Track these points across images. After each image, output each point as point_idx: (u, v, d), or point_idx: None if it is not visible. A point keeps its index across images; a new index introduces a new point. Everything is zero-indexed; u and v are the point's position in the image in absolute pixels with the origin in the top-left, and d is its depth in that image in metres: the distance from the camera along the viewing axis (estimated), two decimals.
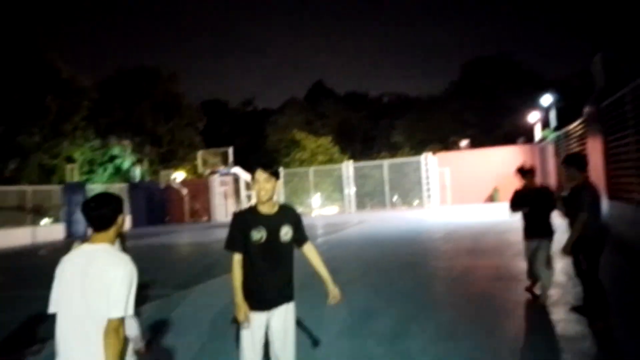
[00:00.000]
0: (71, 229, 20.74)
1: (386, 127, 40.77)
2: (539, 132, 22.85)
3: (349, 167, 25.21)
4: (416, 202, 24.59)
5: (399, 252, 9.76)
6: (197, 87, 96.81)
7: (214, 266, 9.29)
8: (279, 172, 2.95)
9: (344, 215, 23.32)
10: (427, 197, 23.35)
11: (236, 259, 2.79)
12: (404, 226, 15.00)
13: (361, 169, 25.87)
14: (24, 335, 5.14)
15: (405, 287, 6.45)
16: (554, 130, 19.90)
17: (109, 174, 29.68)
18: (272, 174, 2.80)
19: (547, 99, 22.32)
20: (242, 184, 23.65)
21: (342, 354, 4.03)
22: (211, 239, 15.70)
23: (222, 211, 26.37)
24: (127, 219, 23.55)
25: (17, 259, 13.83)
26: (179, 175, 31.28)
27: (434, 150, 28.59)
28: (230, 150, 23.80)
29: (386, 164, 25.29)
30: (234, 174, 24.07)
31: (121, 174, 29.72)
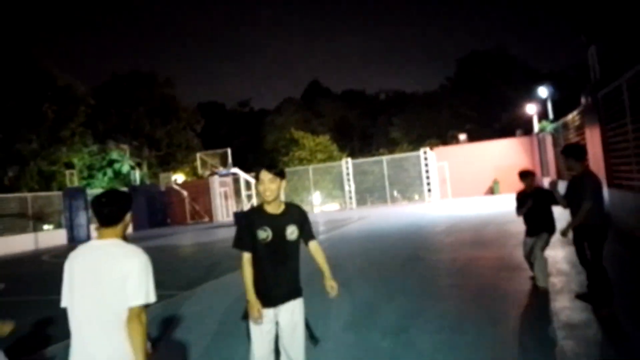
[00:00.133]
0: (73, 234, 20.75)
1: (384, 124, 40.80)
2: (536, 124, 22.88)
3: (348, 164, 25.24)
4: (416, 197, 24.63)
5: (401, 246, 9.78)
6: (193, 89, 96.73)
7: (217, 266, 9.31)
8: (285, 172, 2.94)
9: (344, 211, 23.34)
10: (427, 191, 23.40)
11: (245, 258, 2.82)
12: (405, 221, 15.01)
13: (360, 165, 25.91)
14: (31, 339, 5.15)
15: (408, 280, 6.48)
16: (552, 121, 19.93)
17: (109, 179, 29.71)
18: (277, 174, 2.83)
19: (544, 91, 22.35)
20: (242, 184, 23.66)
21: (348, 347, 4.05)
22: (213, 240, 15.72)
23: (223, 212, 26.42)
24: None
25: (20, 265, 13.85)
26: (179, 177, 31.30)
27: (433, 145, 28.63)
28: (228, 151, 23.82)
29: (385, 160, 25.34)
30: (234, 174, 24.09)
31: (121, 178, 29.75)
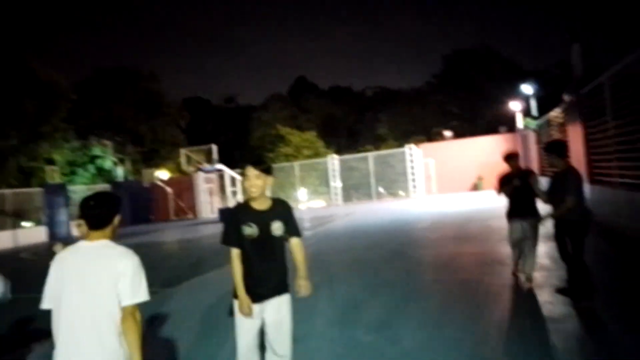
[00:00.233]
0: (53, 231, 20.37)
1: (370, 120, 40.90)
2: (520, 121, 23.15)
3: (334, 161, 25.24)
4: (402, 193, 24.77)
5: (386, 242, 9.82)
6: (178, 85, 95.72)
7: (201, 263, 9.24)
8: (271, 169, 2.91)
9: (330, 208, 23.35)
10: (413, 187, 23.53)
11: (234, 254, 2.81)
12: (391, 217, 15.08)
13: (347, 162, 25.94)
14: (10, 338, 5.04)
15: (392, 276, 6.50)
16: (535, 118, 20.19)
17: (91, 175, 29.22)
18: (263, 171, 2.80)
19: (527, 88, 22.61)
20: (228, 180, 23.49)
21: (332, 343, 4.05)
22: (197, 236, 15.60)
23: (207, 208, 26.19)
24: None
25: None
26: (163, 173, 30.93)
27: (418, 141, 28.79)
28: (214, 147, 23.61)
29: (371, 156, 25.40)
30: (219, 170, 23.89)
31: (103, 174, 29.29)
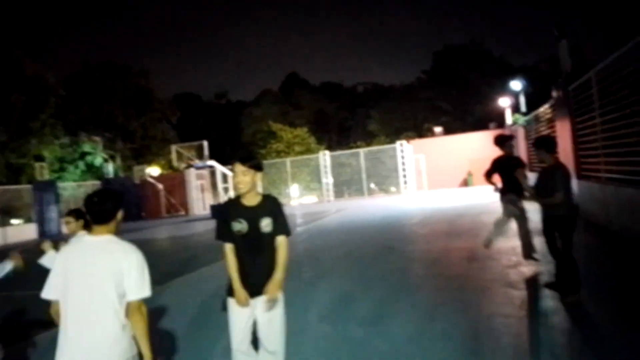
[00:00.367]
0: (43, 229, 20.18)
1: (361, 117, 40.96)
2: (509, 117, 23.34)
3: (325, 157, 25.26)
4: (393, 189, 24.88)
5: (377, 237, 9.88)
6: (169, 81, 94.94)
7: (192, 260, 9.22)
8: (261, 165, 2.88)
9: (322, 204, 23.39)
10: (404, 183, 23.64)
11: (227, 248, 2.84)
12: (382, 213, 15.15)
13: (338, 158, 25.98)
14: (5, 332, 5.02)
15: (383, 271, 6.55)
16: (524, 114, 20.36)
17: (81, 172, 28.91)
18: (252, 167, 2.79)
19: (516, 84, 22.79)
20: (219, 176, 23.41)
21: (324, 338, 4.09)
22: (188, 233, 15.54)
23: (199, 205, 26.10)
24: None
25: None
26: (154, 170, 30.71)
27: (409, 137, 28.93)
28: (205, 143, 23.49)
29: (362, 152, 25.46)
30: (210, 167, 23.78)
31: (93, 171, 29.00)
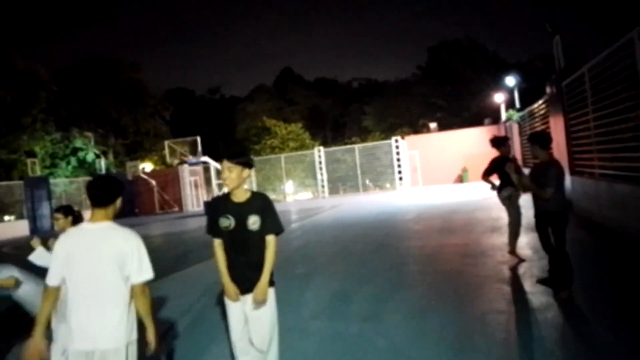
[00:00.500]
0: (35, 225, 20.02)
1: (356, 112, 40.91)
2: (504, 113, 23.38)
3: (320, 153, 25.20)
4: (388, 185, 24.89)
5: (373, 234, 9.86)
6: (161, 75, 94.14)
7: (185, 257, 9.16)
8: (249, 161, 2.85)
9: (317, 200, 23.36)
10: (399, 179, 23.65)
11: (216, 243, 2.85)
12: (377, 209, 15.14)
13: (333, 154, 25.94)
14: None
15: (378, 267, 6.54)
16: (519, 110, 20.39)
17: (73, 168, 28.67)
18: (239, 163, 2.77)
19: (511, 80, 22.82)
20: (213, 172, 23.30)
21: (317, 334, 4.07)
22: (182, 230, 15.45)
23: (193, 201, 25.99)
24: None
25: None
26: (147, 166, 30.51)
27: (404, 133, 28.91)
28: (198, 139, 23.35)
29: (357, 148, 25.42)
30: (204, 162, 23.65)
31: (85, 167, 28.76)
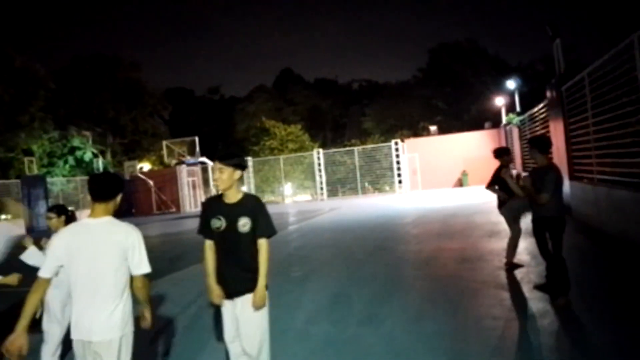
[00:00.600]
0: (32, 224, 19.91)
1: (356, 114, 40.86)
2: (504, 116, 23.33)
3: (319, 155, 25.13)
4: (387, 188, 24.82)
5: (371, 237, 9.79)
6: (161, 74, 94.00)
7: (181, 258, 9.09)
8: (241, 162, 2.83)
9: (316, 202, 23.29)
10: (398, 182, 23.57)
11: (207, 244, 2.87)
12: (375, 212, 15.08)
13: (332, 156, 25.87)
14: None
15: (375, 271, 6.48)
16: (519, 113, 20.35)
17: (70, 167, 28.55)
18: (230, 165, 2.76)
19: (511, 84, 22.80)
20: (211, 173, 23.22)
21: (313, 337, 4.03)
22: (179, 230, 15.38)
23: (190, 202, 25.89)
24: None
25: None
26: (145, 166, 30.44)
27: (404, 136, 28.86)
28: (196, 139, 23.29)
29: (357, 150, 25.35)
30: (202, 163, 23.59)
31: (83, 166, 28.65)
